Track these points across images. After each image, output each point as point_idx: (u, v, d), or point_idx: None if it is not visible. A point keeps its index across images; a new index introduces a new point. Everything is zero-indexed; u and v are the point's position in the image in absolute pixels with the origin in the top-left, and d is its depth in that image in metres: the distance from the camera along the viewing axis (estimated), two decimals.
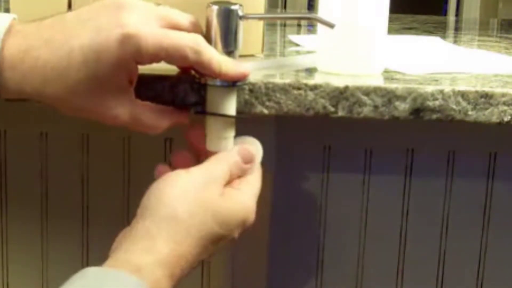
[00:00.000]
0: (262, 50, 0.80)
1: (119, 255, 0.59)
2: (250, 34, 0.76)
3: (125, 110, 0.63)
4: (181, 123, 0.66)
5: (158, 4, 0.64)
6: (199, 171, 0.63)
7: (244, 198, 0.64)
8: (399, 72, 0.77)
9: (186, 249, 0.60)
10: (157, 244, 0.59)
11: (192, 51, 0.61)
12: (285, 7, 2.99)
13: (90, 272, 0.57)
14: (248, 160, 0.66)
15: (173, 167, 0.66)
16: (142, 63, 0.61)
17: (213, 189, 0.62)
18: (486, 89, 0.70)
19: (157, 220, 0.60)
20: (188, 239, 0.60)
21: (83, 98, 0.61)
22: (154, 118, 0.64)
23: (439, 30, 1.27)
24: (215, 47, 0.65)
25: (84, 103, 0.61)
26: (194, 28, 0.65)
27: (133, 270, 0.57)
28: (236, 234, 0.64)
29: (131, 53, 0.59)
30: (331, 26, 0.69)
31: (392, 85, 0.70)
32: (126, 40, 0.59)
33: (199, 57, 0.61)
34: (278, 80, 0.69)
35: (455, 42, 1.10)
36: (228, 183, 0.65)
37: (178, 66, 0.67)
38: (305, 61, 0.81)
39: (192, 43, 0.61)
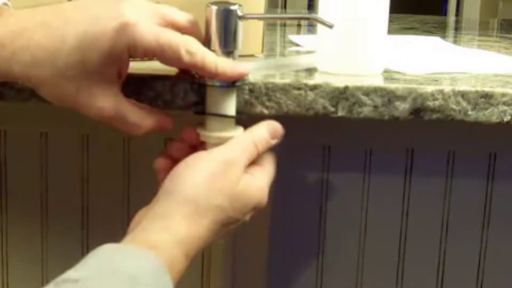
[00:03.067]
0: (262, 50, 0.80)
1: (137, 233, 0.60)
2: (250, 34, 0.76)
3: (111, 103, 0.62)
4: (164, 128, 0.66)
5: (158, 3, 0.64)
6: (221, 154, 0.64)
7: (259, 184, 0.65)
8: (399, 72, 0.77)
9: (202, 231, 0.61)
10: (175, 224, 0.60)
11: (185, 52, 0.61)
12: (285, 7, 2.99)
13: (106, 248, 0.57)
14: (275, 135, 0.67)
15: (169, 156, 0.67)
16: (135, 56, 0.61)
17: (233, 173, 0.63)
18: (486, 89, 0.70)
19: (176, 202, 0.61)
20: (205, 221, 0.61)
21: (70, 84, 0.60)
22: (138, 117, 0.64)
23: (439, 30, 1.27)
24: (214, 47, 0.65)
25: (70, 90, 0.61)
26: (193, 28, 0.65)
27: (149, 247, 0.58)
28: (248, 218, 0.65)
29: (126, 42, 0.59)
30: (330, 26, 0.69)
31: (392, 85, 0.70)
32: (123, 29, 0.59)
33: (192, 59, 0.61)
34: (278, 80, 0.69)
35: (455, 42, 1.10)
36: (253, 161, 0.66)
37: (173, 66, 0.67)
38: (305, 61, 0.80)
39: (185, 44, 0.61)
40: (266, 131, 0.66)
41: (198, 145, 0.68)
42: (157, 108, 0.69)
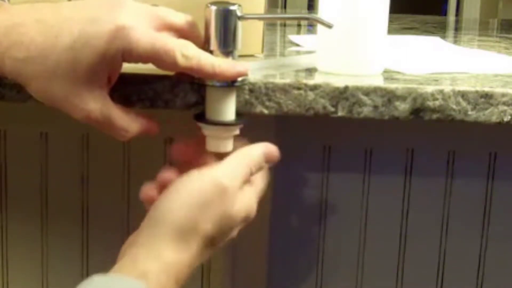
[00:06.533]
0: (262, 50, 0.80)
1: (125, 262, 0.60)
2: (250, 34, 0.76)
3: (98, 106, 0.62)
4: (150, 132, 0.66)
5: (155, 5, 0.64)
6: (214, 175, 0.62)
7: (246, 200, 0.64)
8: (399, 72, 0.77)
9: (190, 257, 0.61)
10: (163, 252, 0.59)
11: (181, 56, 0.61)
12: (285, 7, 2.99)
13: (96, 280, 0.57)
14: (270, 159, 0.66)
15: (173, 160, 0.66)
16: (129, 61, 0.61)
17: (226, 202, 0.62)
18: (486, 89, 0.70)
19: (164, 230, 0.60)
20: (193, 249, 0.61)
21: (60, 83, 0.60)
22: (125, 121, 0.64)
23: (439, 30, 1.27)
24: (214, 47, 0.65)
25: (59, 89, 0.60)
26: (192, 29, 0.65)
27: (139, 276, 0.57)
28: (236, 234, 0.65)
29: (122, 46, 0.59)
30: (329, 26, 0.69)
31: (392, 85, 0.70)
32: (119, 32, 0.59)
33: (188, 62, 0.61)
34: (278, 80, 0.69)
35: (455, 42, 1.10)
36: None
37: (169, 71, 0.66)
38: (305, 61, 0.81)
39: (181, 48, 0.61)
40: (262, 156, 0.65)
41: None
42: (157, 108, 0.69)
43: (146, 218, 0.62)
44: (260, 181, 0.67)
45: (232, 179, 0.62)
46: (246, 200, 0.64)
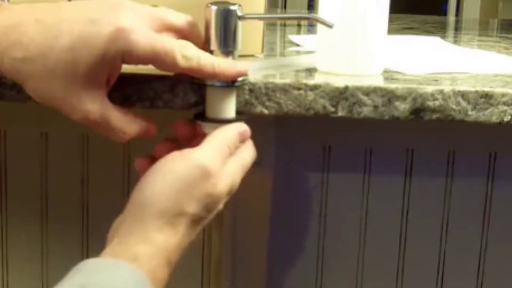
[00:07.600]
0: (262, 50, 0.80)
1: (115, 246, 0.60)
2: (250, 34, 0.76)
3: (96, 107, 0.62)
4: (148, 134, 0.66)
5: (155, 6, 0.64)
6: (196, 157, 0.62)
7: (229, 175, 0.63)
8: (399, 72, 0.77)
9: (179, 238, 0.60)
10: (152, 236, 0.59)
11: (181, 57, 0.61)
12: (285, 7, 2.99)
13: (88, 263, 0.57)
14: (244, 138, 0.66)
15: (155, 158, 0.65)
16: (129, 62, 0.61)
17: (210, 183, 0.61)
18: (486, 89, 0.70)
19: (150, 214, 0.60)
20: (180, 228, 0.60)
21: (58, 83, 0.60)
22: (123, 122, 0.64)
23: (439, 30, 1.27)
24: (214, 47, 0.65)
25: (57, 89, 0.60)
26: (191, 29, 0.65)
27: (130, 260, 0.58)
28: (221, 207, 0.64)
29: (121, 48, 0.59)
30: (329, 26, 0.69)
31: (392, 85, 0.70)
32: (119, 34, 0.59)
33: (188, 63, 0.61)
34: (278, 80, 0.69)
35: (455, 42, 1.10)
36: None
37: (169, 71, 0.66)
38: (305, 61, 0.81)
39: (181, 49, 0.61)
40: (237, 135, 0.65)
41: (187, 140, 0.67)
42: (157, 108, 0.69)
43: (130, 201, 0.62)
44: (245, 153, 0.66)
45: (213, 159, 0.62)
46: (229, 175, 0.63)
